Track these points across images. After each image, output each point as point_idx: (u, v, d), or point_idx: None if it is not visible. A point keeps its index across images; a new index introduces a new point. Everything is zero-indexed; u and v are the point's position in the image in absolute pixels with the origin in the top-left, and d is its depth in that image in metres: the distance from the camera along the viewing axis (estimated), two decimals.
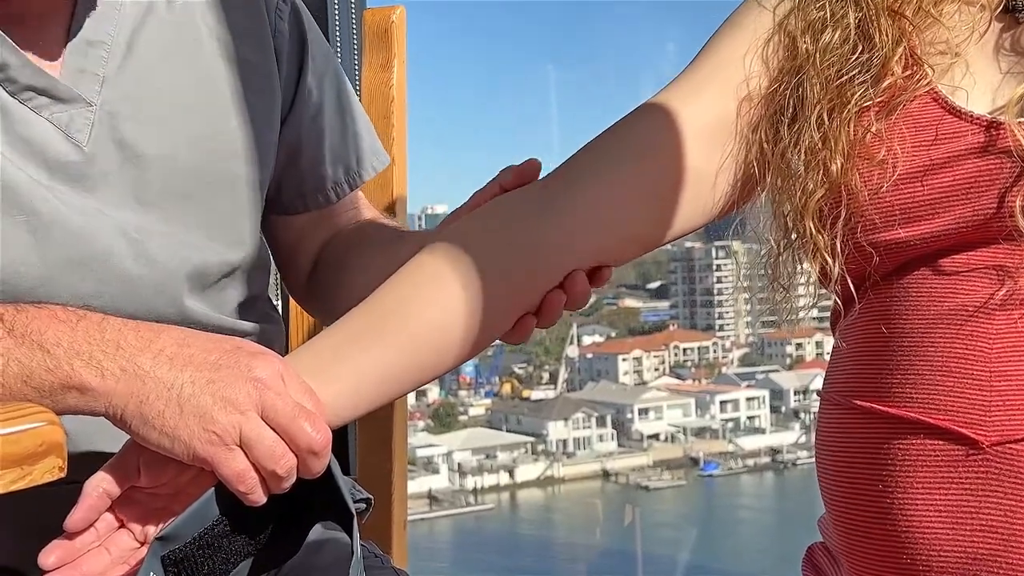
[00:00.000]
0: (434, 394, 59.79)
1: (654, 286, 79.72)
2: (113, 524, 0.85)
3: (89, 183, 1.01)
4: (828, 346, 1.05)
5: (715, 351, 69.46)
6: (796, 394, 57.67)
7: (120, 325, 0.85)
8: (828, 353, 1.04)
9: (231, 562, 0.87)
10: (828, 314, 1.04)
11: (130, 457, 0.84)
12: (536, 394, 63.91)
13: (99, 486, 0.83)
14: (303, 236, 1.28)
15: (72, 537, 0.83)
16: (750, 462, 54.31)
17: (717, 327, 72.77)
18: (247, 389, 0.83)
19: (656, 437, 55.52)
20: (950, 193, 0.89)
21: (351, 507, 0.86)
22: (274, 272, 1.32)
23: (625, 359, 65.17)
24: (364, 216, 1.31)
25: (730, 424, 56.56)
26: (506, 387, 64.86)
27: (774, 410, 57.71)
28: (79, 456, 0.89)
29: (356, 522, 0.86)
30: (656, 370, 65.89)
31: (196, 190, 1.08)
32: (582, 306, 0.97)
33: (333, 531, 0.98)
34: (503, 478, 52.38)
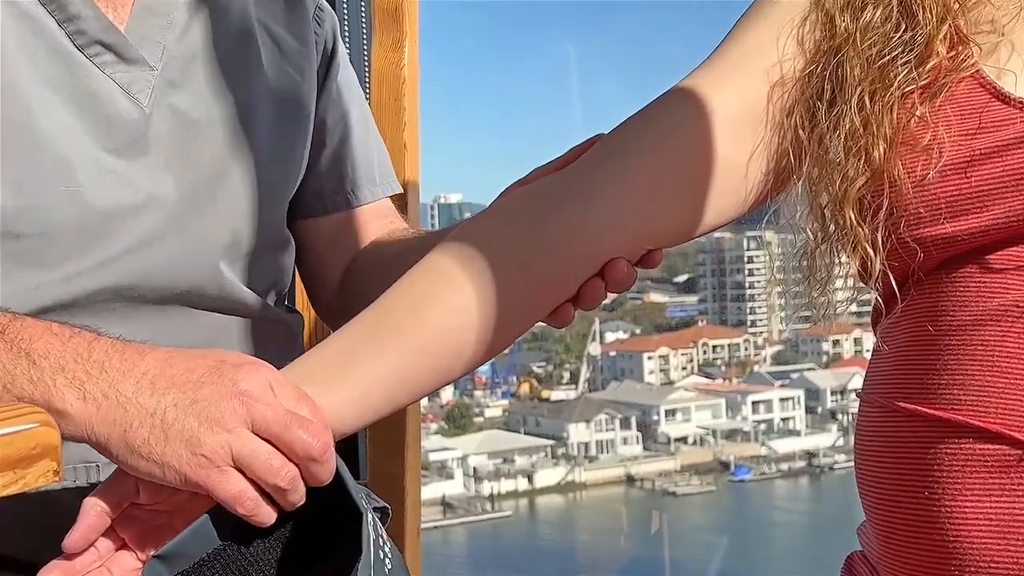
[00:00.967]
0: (448, 395, 59.85)
1: (681, 279, 79.68)
2: (113, 544, 0.86)
3: (144, 144, 1.10)
4: (867, 343, 1.05)
5: (747, 348, 69.34)
6: (833, 394, 57.60)
7: (108, 346, 0.87)
8: (867, 350, 1.03)
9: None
10: (867, 308, 1.04)
11: (127, 475, 0.85)
12: (556, 394, 64.00)
13: (97, 504, 0.84)
14: (329, 245, 1.33)
15: (71, 558, 0.84)
16: (784, 466, 54.24)
17: (749, 323, 72.68)
18: (232, 405, 0.83)
19: (684, 440, 55.55)
20: (999, 185, 0.88)
21: (360, 505, 0.86)
22: None
23: (651, 357, 65.13)
24: (397, 228, 1.36)
25: (763, 426, 56.52)
26: (524, 387, 64.95)
27: (809, 411, 57.65)
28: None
29: (366, 520, 0.86)
30: (684, 369, 65.86)
31: (240, 159, 1.17)
32: (627, 289, 0.99)
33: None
34: (521, 483, 52.53)
